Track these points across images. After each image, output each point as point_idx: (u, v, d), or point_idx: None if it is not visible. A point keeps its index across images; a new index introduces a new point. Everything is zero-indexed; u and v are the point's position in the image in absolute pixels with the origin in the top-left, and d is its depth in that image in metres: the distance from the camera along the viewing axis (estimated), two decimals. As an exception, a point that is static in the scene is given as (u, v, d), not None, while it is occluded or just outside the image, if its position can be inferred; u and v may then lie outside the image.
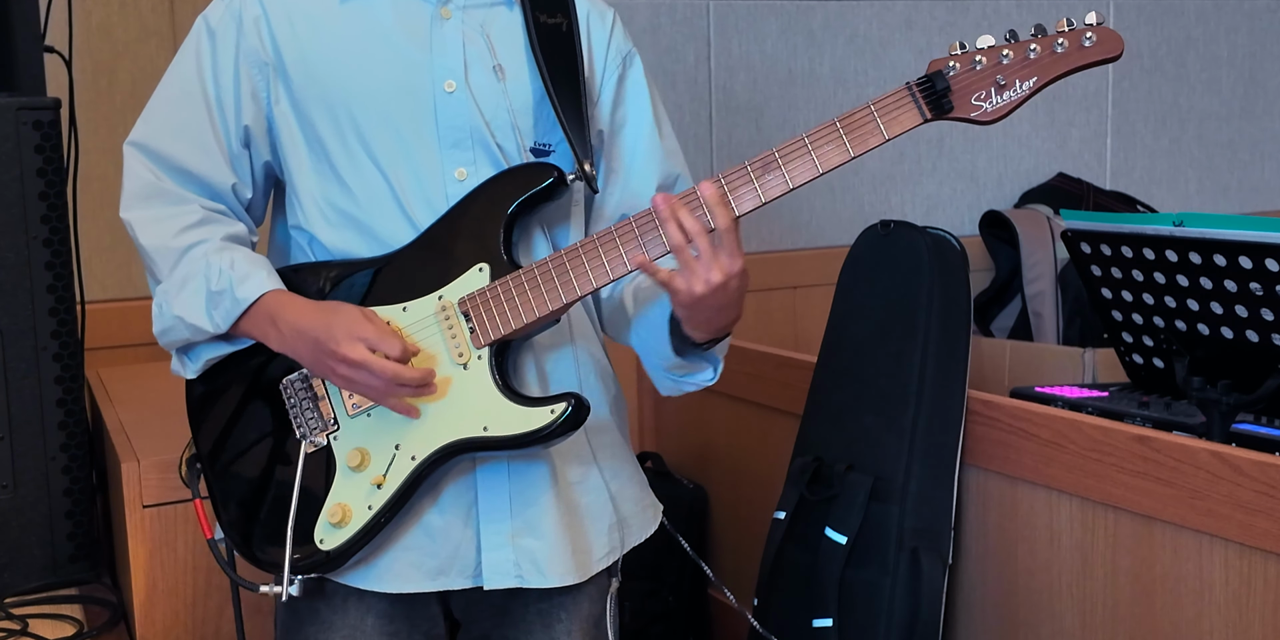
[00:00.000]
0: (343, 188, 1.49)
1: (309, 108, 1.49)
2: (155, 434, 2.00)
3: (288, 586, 1.43)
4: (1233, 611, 1.66)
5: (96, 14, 2.62)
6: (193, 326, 1.45)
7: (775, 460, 2.38)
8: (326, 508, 1.44)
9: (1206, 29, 3.98)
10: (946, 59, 1.33)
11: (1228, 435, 1.87)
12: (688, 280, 1.32)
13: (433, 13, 1.49)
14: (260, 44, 1.49)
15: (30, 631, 1.83)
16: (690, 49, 3.21)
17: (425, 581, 1.47)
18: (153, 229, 1.48)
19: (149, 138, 1.52)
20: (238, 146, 1.51)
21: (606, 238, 1.38)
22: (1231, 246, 1.88)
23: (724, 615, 2.67)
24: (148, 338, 1.54)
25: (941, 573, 2.00)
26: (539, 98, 1.50)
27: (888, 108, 1.33)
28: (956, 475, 2.01)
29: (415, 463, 1.42)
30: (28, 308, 1.91)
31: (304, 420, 1.47)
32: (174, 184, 1.50)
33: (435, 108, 1.47)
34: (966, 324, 2.07)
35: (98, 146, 2.61)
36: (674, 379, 1.51)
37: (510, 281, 1.41)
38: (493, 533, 1.47)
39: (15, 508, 1.93)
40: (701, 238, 1.31)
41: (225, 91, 1.50)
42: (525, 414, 1.39)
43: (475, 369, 1.42)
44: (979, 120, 1.35)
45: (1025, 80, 1.34)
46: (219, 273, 1.44)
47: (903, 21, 3.49)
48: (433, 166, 1.47)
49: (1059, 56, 1.33)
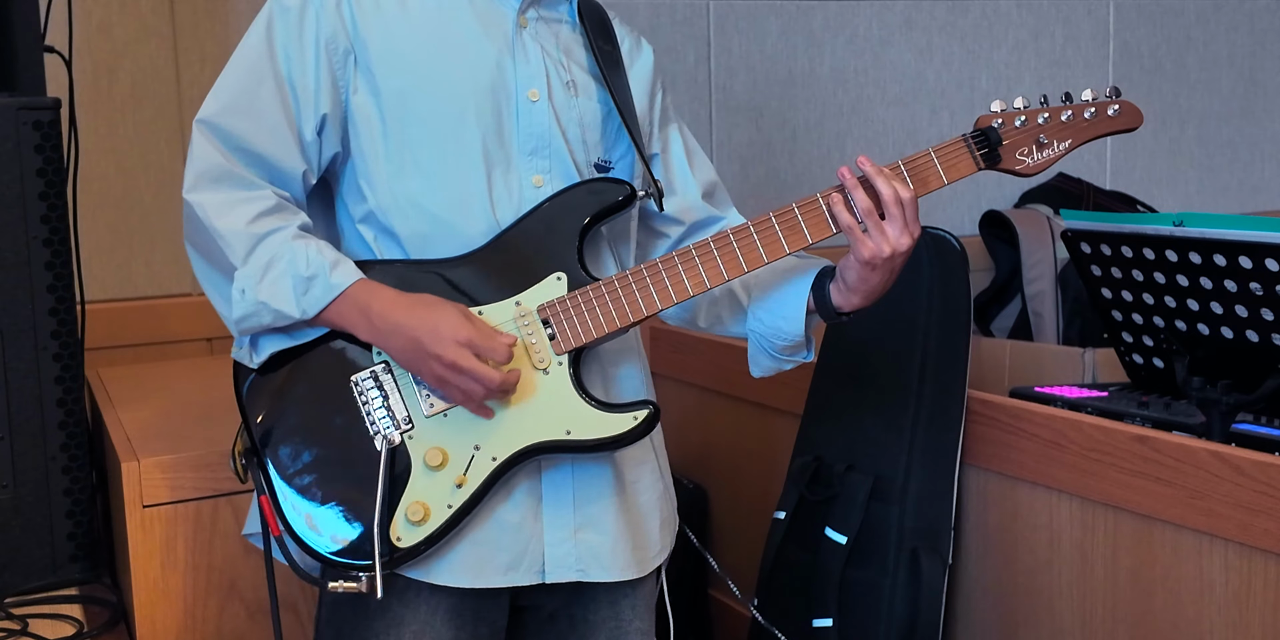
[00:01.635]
0: (427, 184, 1.48)
1: (391, 100, 1.47)
2: (155, 434, 2.00)
3: (381, 584, 1.43)
4: (1233, 611, 1.66)
5: (96, 14, 2.62)
6: (277, 311, 1.42)
7: (775, 460, 2.38)
8: (405, 506, 1.45)
9: (1206, 29, 3.98)
10: (992, 116, 1.49)
11: (1228, 435, 1.87)
12: (877, 243, 1.44)
13: (514, 19, 1.52)
14: (342, 28, 1.47)
15: (30, 631, 1.83)
16: (690, 49, 3.21)
17: (495, 577, 1.50)
18: (226, 212, 1.43)
19: (219, 117, 1.46)
20: (311, 134, 1.48)
21: (723, 242, 1.47)
22: (1231, 246, 1.88)
23: (724, 615, 2.67)
24: (148, 338, 1.54)
25: (941, 573, 2.00)
26: (605, 115, 1.57)
27: (947, 156, 1.48)
28: (956, 475, 2.01)
29: (496, 463, 1.46)
30: (28, 308, 1.91)
31: (376, 418, 1.46)
32: (243, 167, 1.46)
33: (518, 114, 1.50)
34: (966, 324, 2.07)
35: (98, 146, 2.61)
36: (779, 359, 1.61)
37: (591, 292, 1.47)
38: (557, 528, 1.51)
39: (15, 508, 1.93)
40: (895, 204, 1.43)
41: (304, 76, 1.46)
42: (607, 419, 1.46)
43: (556, 374, 1.47)
44: (1021, 173, 1.51)
45: (1063, 141, 1.51)
46: (307, 258, 1.41)
47: (903, 21, 3.49)
48: (513, 172, 1.50)
49: (1090, 123, 1.51)
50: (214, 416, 2.09)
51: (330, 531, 1.46)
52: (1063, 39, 3.76)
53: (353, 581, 1.44)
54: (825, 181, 1.44)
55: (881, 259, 1.44)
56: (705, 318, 1.67)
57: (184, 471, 1.89)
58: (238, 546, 1.91)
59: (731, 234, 1.47)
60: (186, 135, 2.67)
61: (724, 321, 1.66)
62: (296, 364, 1.49)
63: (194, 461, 1.89)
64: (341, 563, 1.45)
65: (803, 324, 1.55)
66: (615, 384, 1.57)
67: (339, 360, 1.48)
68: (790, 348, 1.59)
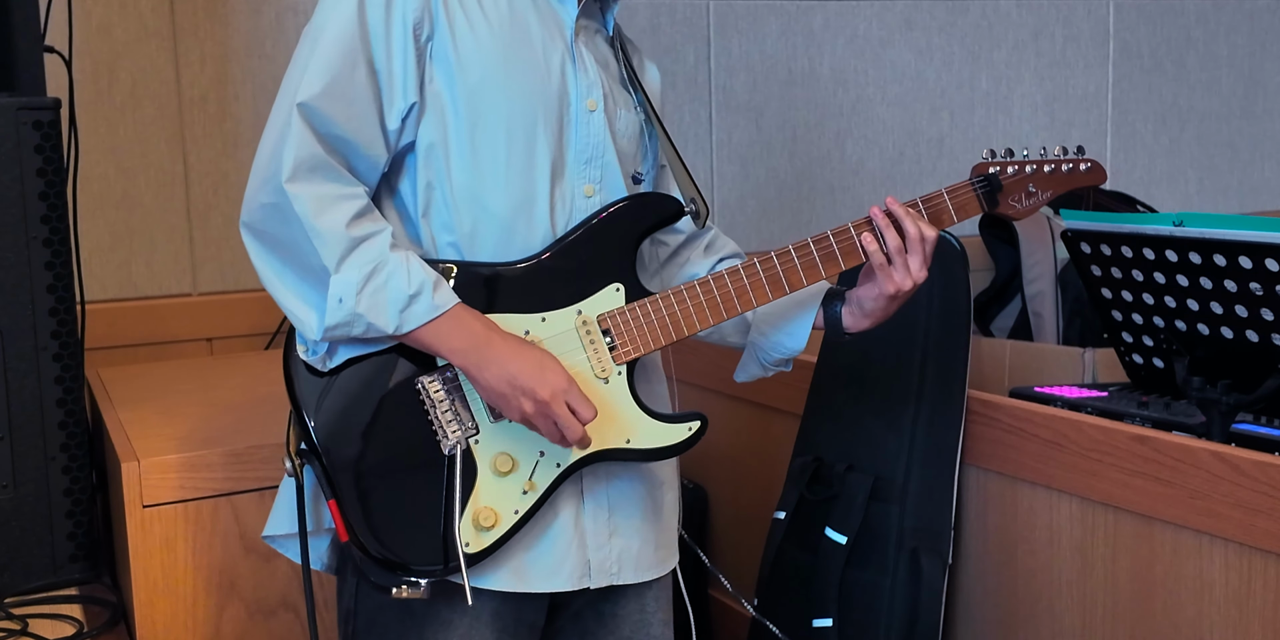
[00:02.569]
0: (495, 183, 1.47)
1: (466, 94, 1.45)
2: (155, 434, 2.00)
3: (469, 590, 1.43)
4: (1233, 611, 1.66)
5: (96, 14, 2.62)
6: (371, 324, 1.39)
7: (775, 460, 2.38)
8: (473, 511, 1.45)
9: (1206, 29, 3.98)
10: (987, 164, 1.64)
11: (1228, 435, 1.87)
12: (902, 277, 1.53)
13: (572, 27, 1.52)
14: (427, 15, 1.44)
15: (30, 631, 1.83)
16: (690, 49, 3.21)
17: (539, 582, 1.52)
18: (325, 209, 1.38)
19: (320, 101, 1.39)
20: (396, 122, 1.44)
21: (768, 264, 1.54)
22: (1231, 246, 1.88)
23: (724, 615, 2.67)
24: (148, 338, 1.53)
25: (941, 573, 2.00)
26: (639, 128, 1.60)
27: (958, 198, 1.60)
28: (956, 475, 2.01)
29: (560, 470, 1.48)
30: (28, 308, 1.91)
31: (441, 422, 1.45)
32: (338, 156, 1.41)
33: (575, 123, 1.51)
34: (966, 324, 2.07)
35: (98, 146, 2.61)
36: (768, 369, 1.70)
37: (649, 304, 1.51)
38: (595, 533, 1.54)
39: (15, 508, 1.93)
40: (919, 243, 1.53)
41: (395, 61, 1.42)
42: (665, 430, 1.51)
43: (615, 384, 1.50)
44: (1012, 218, 1.66)
45: (1045, 191, 1.66)
46: (409, 273, 1.39)
47: (903, 21, 3.49)
48: (568, 180, 1.51)
49: (1066, 176, 1.67)
50: (214, 416, 2.09)
51: (396, 536, 1.44)
52: (1063, 39, 3.76)
53: (413, 588, 1.44)
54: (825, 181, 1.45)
55: (904, 292, 1.54)
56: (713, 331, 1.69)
57: (183, 471, 1.89)
58: (238, 546, 1.91)
59: (775, 257, 1.54)
60: (187, 135, 2.68)
61: (723, 332, 1.69)
62: (358, 366, 1.46)
63: (194, 461, 1.89)
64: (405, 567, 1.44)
65: (805, 341, 1.63)
66: (652, 395, 1.60)
67: (402, 364, 1.46)
68: (782, 360, 1.68)
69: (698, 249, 1.72)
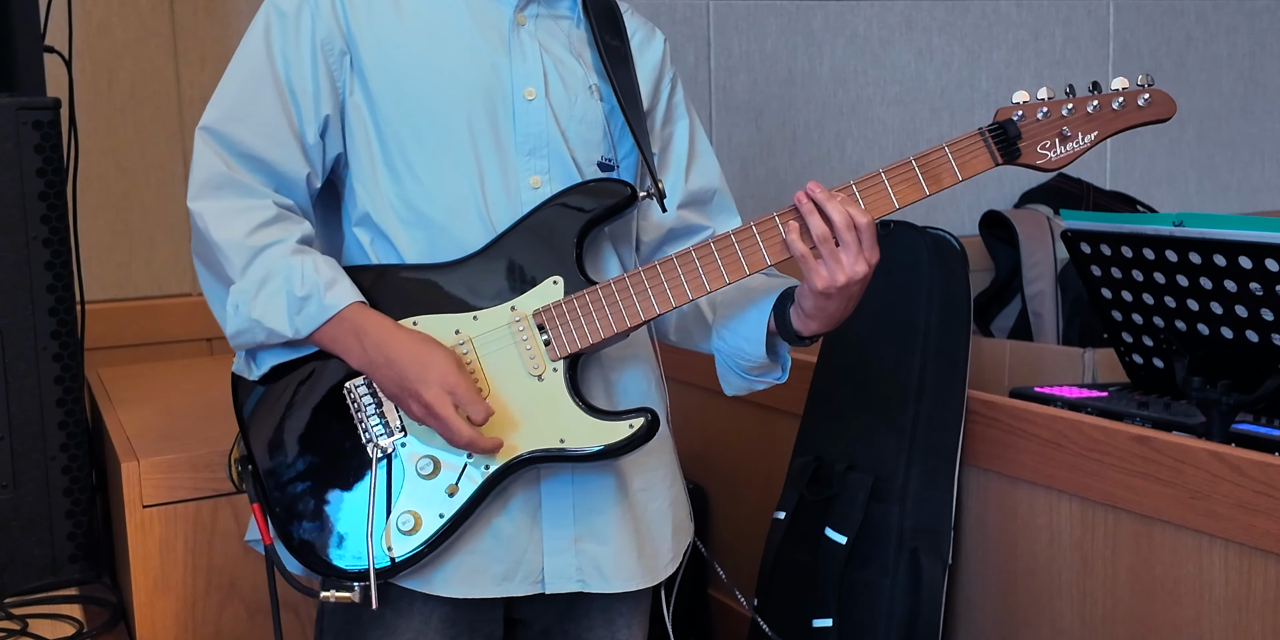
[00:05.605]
0: (420, 187, 1.46)
1: (384, 101, 1.46)
2: (155, 434, 2.00)
3: (376, 594, 1.41)
4: (1233, 611, 1.66)
5: (96, 14, 2.62)
6: (270, 330, 1.41)
7: (775, 460, 2.38)
8: (397, 515, 1.43)
9: (1206, 29, 3.98)
10: (1013, 108, 1.42)
11: (1228, 435, 1.87)
12: (831, 271, 1.38)
13: (510, 17, 1.50)
14: (337, 29, 1.46)
15: (30, 631, 1.83)
16: (690, 49, 3.21)
17: (490, 587, 1.48)
18: (225, 222, 1.42)
19: (220, 123, 1.45)
20: (314, 137, 1.46)
21: (704, 251, 1.42)
22: (1231, 246, 1.88)
23: (724, 615, 2.67)
24: (148, 338, 1.53)
25: (941, 573, 2.00)
26: (608, 113, 1.54)
27: (962, 151, 1.41)
28: (956, 475, 2.01)
29: (489, 472, 1.43)
30: (28, 308, 1.91)
31: (369, 426, 1.44)
32: (246, 173, 1.44)
33: (514, 113, 1.48)
34: (966, 324, 2.07)
35: (98, 146, 2.62)
36: (749, 379, 1.57)
37: (588, 296, 1.43)
38: (556, 538, 1.49)
39: (15, 508, 1.93)
40: (849, 231, 1.37)
41: (302, 78, 1.45)
42: (602, 428, 1.43)
43: (550, 381, 1.43)
44: (1043, 168, 1.43)
45: (1088, 133, 1.42)
46: (302, 276, 1.40)
47: (903, 21, 3.49)
48: (510, 173, 1.48)
49: (1118, 114, 1.43)
50: (213, 416, 2.09)
51: (323, 541, 1.44)
52: (1063, 39, 3.76)
53: (346, 591, 1.42)
54: (825, 182, 1.42)
55: (836, 288, 1.39)
56: (676, 332, 1.65)
57: (183, 471, 1.89)
58: (238, 546, 1.91)
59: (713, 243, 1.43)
60: (187, 135, 2.68)
61: (694, 337, 1.63)
62: (293, 372, 1.47)
63: (193, 461, 1.89)
64: (336, 570, 1.44)
65: (763, 346, 1.51)
66: (618, 390, 1.54)
67: (332, 368, 1.46)
68: (758, 368, 1.55)
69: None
